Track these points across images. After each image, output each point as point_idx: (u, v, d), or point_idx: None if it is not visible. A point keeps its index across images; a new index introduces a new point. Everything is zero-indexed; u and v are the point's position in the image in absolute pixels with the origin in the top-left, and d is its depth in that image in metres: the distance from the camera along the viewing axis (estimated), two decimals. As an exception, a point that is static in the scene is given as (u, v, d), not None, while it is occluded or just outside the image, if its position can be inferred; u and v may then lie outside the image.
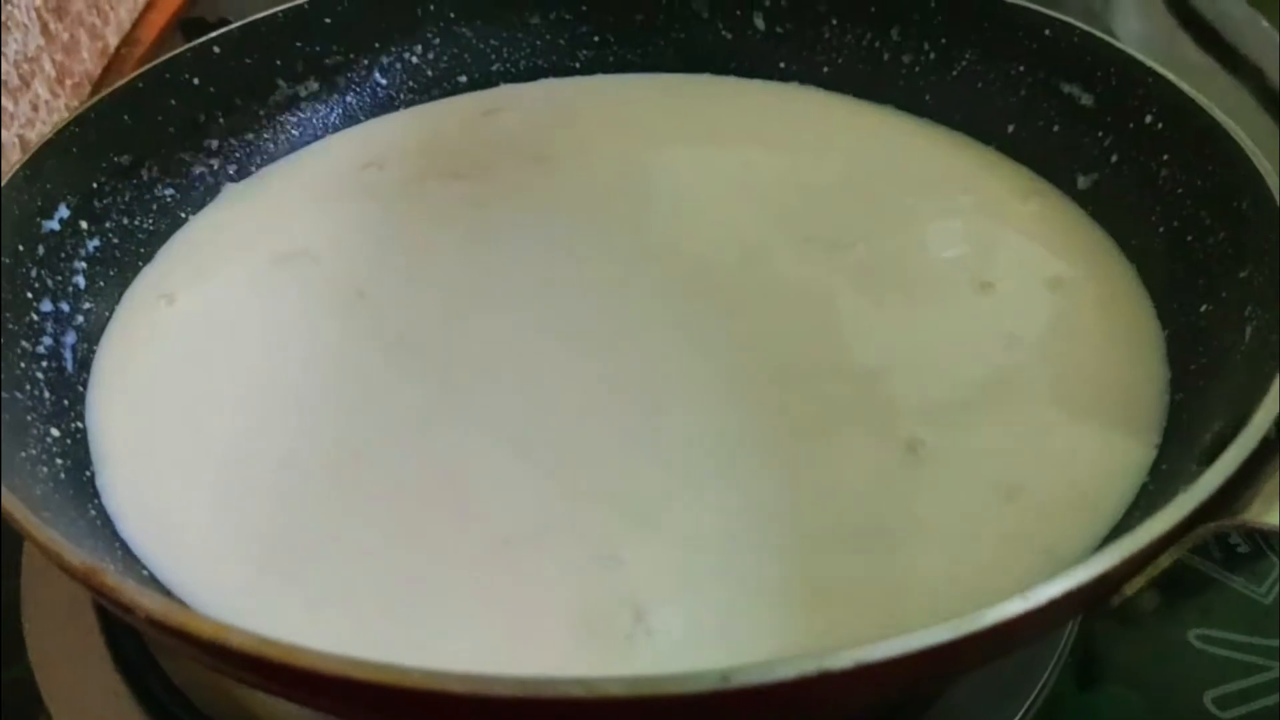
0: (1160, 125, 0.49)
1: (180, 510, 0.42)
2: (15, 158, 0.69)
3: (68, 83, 0.79)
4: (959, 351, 0.46)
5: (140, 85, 0.53)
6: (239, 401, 0.45)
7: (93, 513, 0.41)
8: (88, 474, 0.43)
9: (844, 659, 0.28)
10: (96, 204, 0.50)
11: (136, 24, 0.90)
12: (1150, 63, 0.49)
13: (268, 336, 0.49)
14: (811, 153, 0.58)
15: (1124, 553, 0.30)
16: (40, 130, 0.74)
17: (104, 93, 0.51)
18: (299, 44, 0.59)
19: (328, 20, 0.59)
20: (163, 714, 0.44)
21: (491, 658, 0.36)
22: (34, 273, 0.46)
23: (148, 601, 0.30)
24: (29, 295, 0.45)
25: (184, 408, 0.45)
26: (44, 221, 0.47)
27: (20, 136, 0.72)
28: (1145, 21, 0.90)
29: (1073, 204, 0.52)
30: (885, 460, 0.42)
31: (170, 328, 0.49)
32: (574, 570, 0.39)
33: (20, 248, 0.46)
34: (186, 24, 0.84)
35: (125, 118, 0.52)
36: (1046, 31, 0.54)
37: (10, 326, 0.44)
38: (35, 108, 0.74)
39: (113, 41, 0.87)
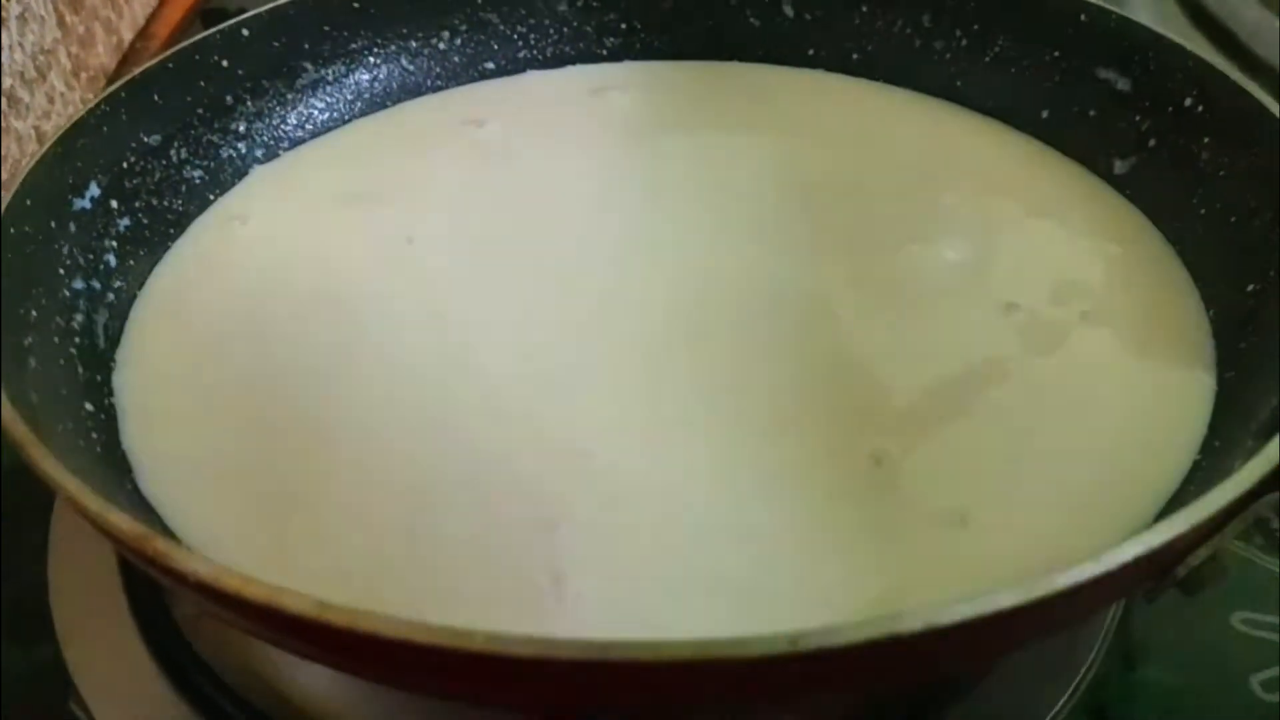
0: (1201, 108, 0.48)
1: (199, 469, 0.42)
2: (32, 149, 0.69)
3: (83, 76, 0.78)
4: (963, 347, 0.46)
5: (170, 66, 0.52)
6: (260, 350, 0.47)
7: (129, 487, 0.40)
8: (120, 449, 0.42)
9: (914, 622, 0.27)
10: (127, 184, 0.50)
11: (151, 18, 0.90)
12: (1191, 46, 0.49)
13: (313, 272, 0.50)
14: (842, 142, 0.58)
15: (1193, 519, 0.30)
16: (56, 123, 0.73)
17: (134, 72, 0.51)
18: (326, 28, 0.58)
19: (355, 5, 0.59)
20: (192, 690, 0.44)
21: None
22: (66, 250, 0.46)
23: (200, 567, 0.30)
24: (61, 272, 0.45)
25: (215, 351, 0.47)
26: (75, 199, 0.47)
27: (36, 128, 0.72)
28: (1157, 21, 0.90)
29: (1111, 188, 0.52)
30: (848, 469, 0.41)
31: (234, 251, 0.51)
32: (511, 528, 0.39)
33: (53, 224, 0.45)
34: (207, 14, 0.84)
35: (155, 98, 0.52)
36: (1081, 17, 0.54)
37: (44, 302, 0.43)
38: (51, 100, 0.74)
39: (127, 36, 0.86)
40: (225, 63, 0.55)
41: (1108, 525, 0.38)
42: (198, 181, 0.53)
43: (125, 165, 0.50)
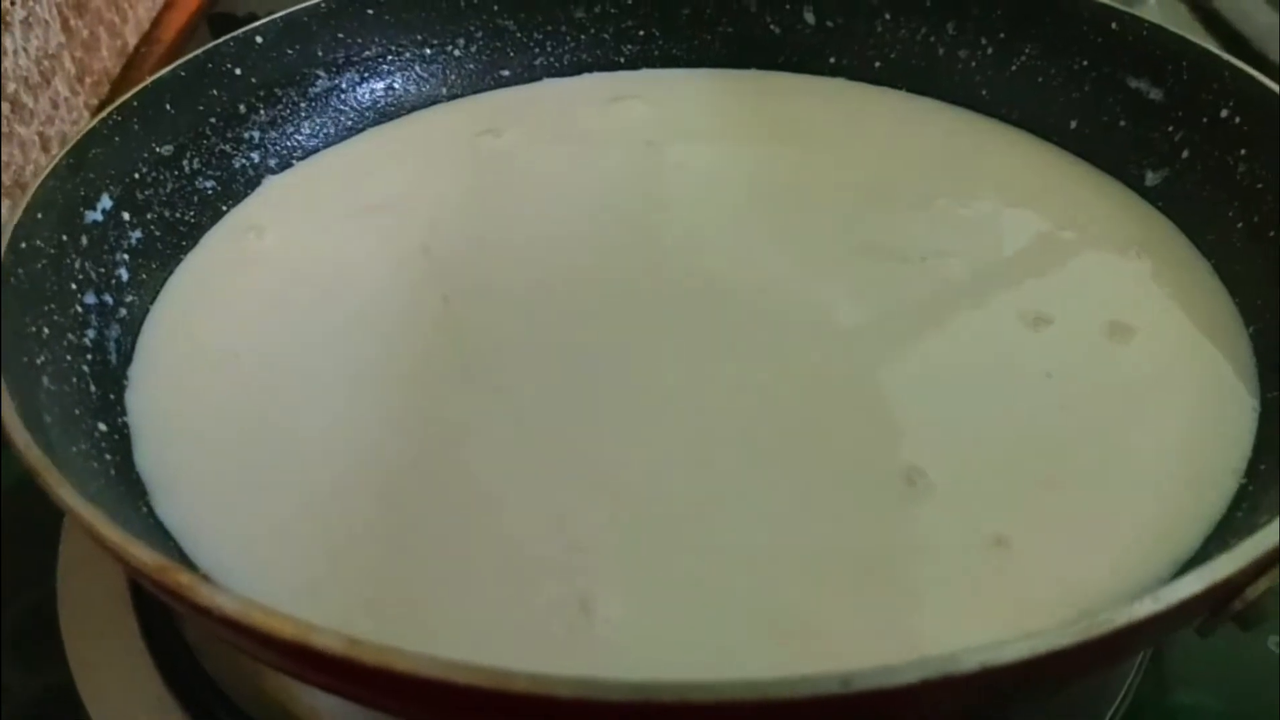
0: (1238, 119, 0.47)
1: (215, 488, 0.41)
2: (35, 155, 0.68)
3: (87, 81, 0.78)
4: (991, 361, 0.45)
5: (183, 74, 0.51)
6: (280, 361, 0.46)
7: (144, 510, 0.39)
8: (135, 471, 0.41)
9: (970, 662, 0.26)
10: (139, 195, 0.49)
11: (155, 23, 0.89)
12: (1226, 56, 0.48)
13: (330, 284, 0.49)
14: (864, 152, 0.57)
15: (1255, 551, 0.29)
16: (60, 128, 0.72)
17: (147, 81, 0.50)
18: (341, 35, 0.57)
19: (369, 11, 0.58)
20: (204, 713, 0.43)
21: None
22: (78, 264, 0.45)
23: (225, 601, 0.29)
24: (73, 287, 0.44)
25: (231, 367, 0.46)
26: (87, 212, 0.46)
27: (40, 134, 0.71)
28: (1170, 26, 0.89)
29: (1143, 200, 0.51)
30: (880, 489, 0.40)
31: (248, 263, 0.51)
32: (537, 553, 0.38)
33: (64, 238, 0.44)
34: (214, 19, 0.83)
35: (167, 107, 0.51)
36: (1112, 25, 0.53)
37: (56, 318, 0.42)
38: (55, 105, 0.73)
39: (131, 40, 0.85)
40: (238, 70, 0.54)
41: (1151, 550, 0.37)
42: (210, 192, 0.52)
43: (137, 176, 0.49)
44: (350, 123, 0.58)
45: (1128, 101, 0.52)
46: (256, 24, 0.54)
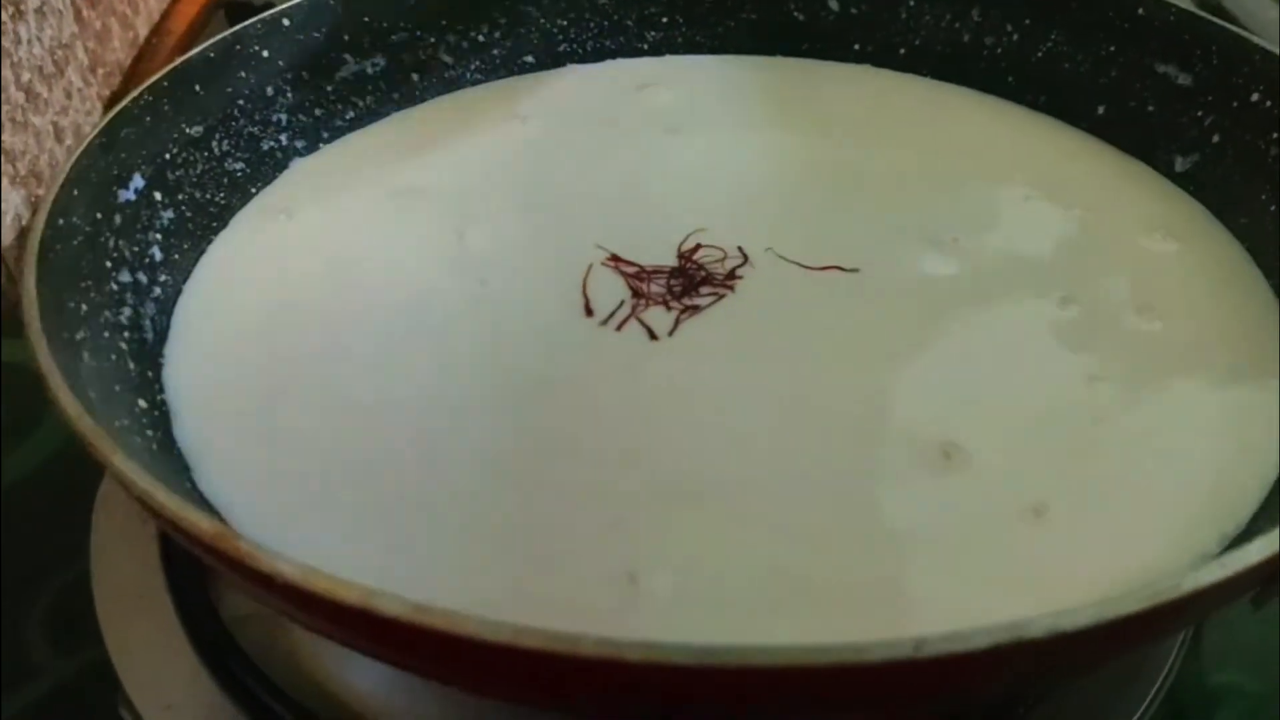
0: (1269, 103, 0.48)
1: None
2: (49, 144, 0.68)
3: (100, 71, 0.77)
4: (1021, 338, 0.45)
5: (211, 55, 0.51)
6: (317, 338, 0.46)
7: (188, 485, 0.39)
8: (176, 447, 0.41)
9: (1040, 627, 0.26)
10: (170, 175, 0.49)
11: (167, 14, 0.89)
12: (1257, 39, 0.48)
13: (359, 265, 0.49)
14: (889, 138, 0.57)
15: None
16: (74, 119, 0.72)
17: (176, 62, 0.50)
18: (367, 19, 0.57)
19: (396, -5, 0.58)
20: (240, 688, 0.42)
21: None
22: (112, 242, 0.44)
23: (285, 567, 0.28)
24: (108, 265, 0.44)
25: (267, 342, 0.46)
26: (120, 191, 0.46)
27: (54, 124, 0.71)
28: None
29: (1172, 184, 0.51)
30: (919, 462, 0.40)
31: (279, 245, 0.50)
32: (585, 525, 0.38)
33: (99, 216, 0.44)
34: (230, 7, 0.82)
35: (197, 88, 0.50)
36: (1139, 10, 0.53)
37: (93, 295, 0.42)
38: (69, 95, 0.73)
39: (143, 31, 0.85)
40: (266, 53, 0.54)
41: (1195, 524, 0.38)
42: (239, 174, 0.52)
43: (168, 156, 0.49)
44: (376, 106, 0.58)
45: (1156, 87, 0.52)
46: (284, 6, 0.54)
